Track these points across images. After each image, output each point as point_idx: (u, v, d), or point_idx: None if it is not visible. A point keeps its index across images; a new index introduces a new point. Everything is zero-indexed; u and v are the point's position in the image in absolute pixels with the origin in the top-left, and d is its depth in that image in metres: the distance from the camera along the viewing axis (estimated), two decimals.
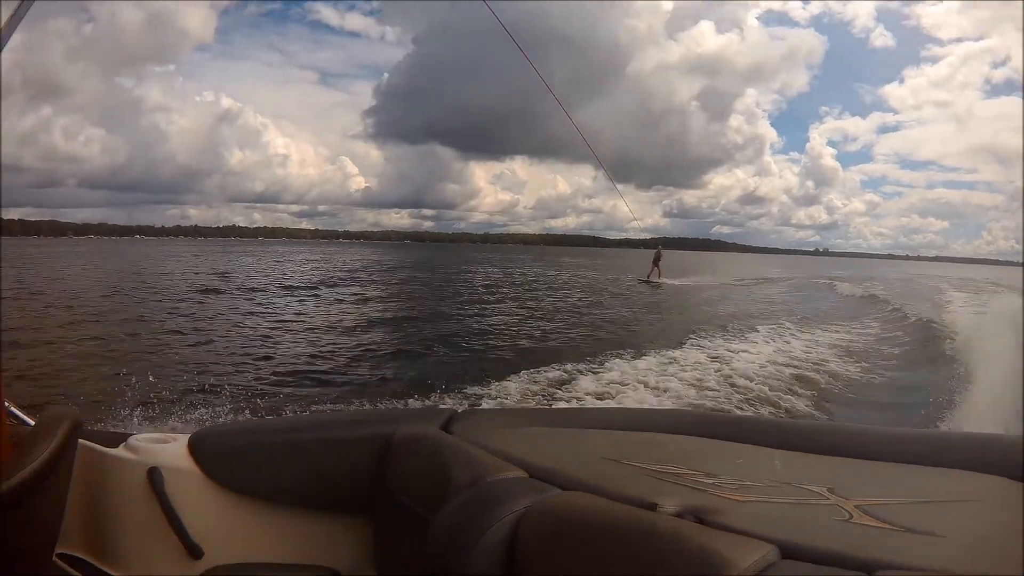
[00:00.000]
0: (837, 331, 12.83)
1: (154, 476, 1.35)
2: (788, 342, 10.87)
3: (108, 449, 1.40)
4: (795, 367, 8.76)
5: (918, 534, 0.84)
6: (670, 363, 8.68)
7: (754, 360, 9.01)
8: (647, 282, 24.74)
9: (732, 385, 7.46)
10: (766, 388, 7.35)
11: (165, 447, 1.42)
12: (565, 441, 1.42)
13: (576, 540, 0.89)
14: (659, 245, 27.12)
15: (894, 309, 16.56)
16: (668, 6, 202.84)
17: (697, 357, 9.16)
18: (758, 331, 11.90)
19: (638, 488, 1.02)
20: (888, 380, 8.41)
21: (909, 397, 7.28)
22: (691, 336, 11.02)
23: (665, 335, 11.12)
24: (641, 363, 8.62)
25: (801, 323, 13.73)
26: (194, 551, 1.34)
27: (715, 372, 8.10)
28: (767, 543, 0.80)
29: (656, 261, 25.44)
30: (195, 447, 1.42)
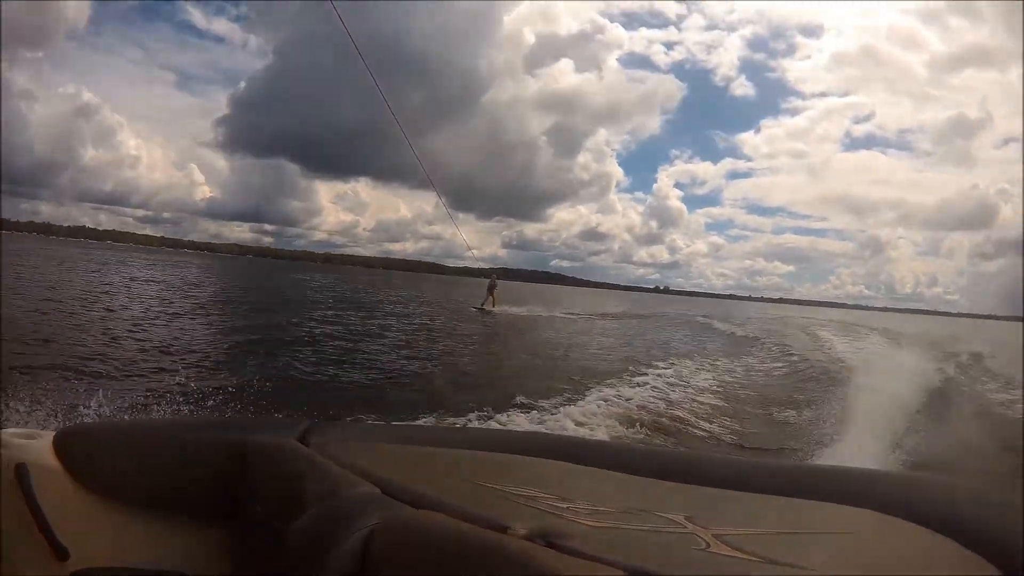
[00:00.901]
0: (715, 368, 13.08)
1: (21, 473, 1.28)
2: (665, 378, 10.66)
3: None
4: (673, 402, 8.70)
5: (778, 565, 0.84)
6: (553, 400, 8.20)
7: (632, 396, 8.84)
8: (481, 309, 24.62)
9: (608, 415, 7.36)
10: (644, 419, 7.34)
11: (32, 443, 1.35)
12: (421, 459, 1.42)
13: (422, 559, 0.88)
14: (494, 274, 26.99)
15: (776, 346, 17.78)
16: (531, 40, 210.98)
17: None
18: (633, 370, 11.53)
19: (490, 509, 1.01)
20: (764, 413, 8.60)
21: (784, 430, 7.59)
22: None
23: (547, 375, 10.52)
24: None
25: (683, 360, 13.79)
26: (60, 552, 1.27)
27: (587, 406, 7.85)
28: (617, 570, 0.78)
29: (491, 289, 25.21)
30: (60, 445, 1.35)
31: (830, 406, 8.54)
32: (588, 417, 7.32)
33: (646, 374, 11.06)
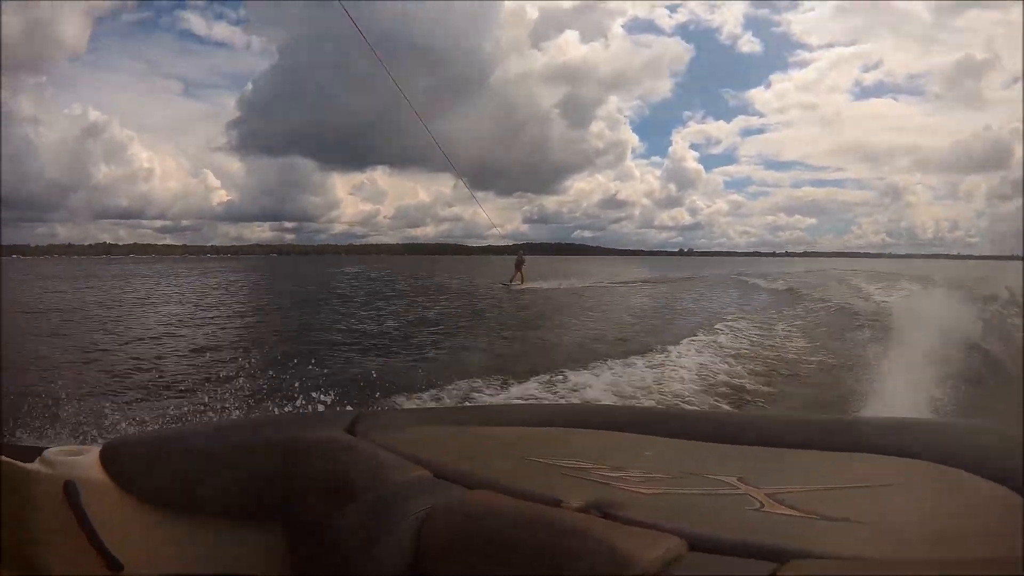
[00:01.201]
0: (783, 316, 14.41)
1: (70, 490, 1.30)
2: (718, 341, 11.01)
3: (24, 464, 1.34)
4: (771, 346, 9.69)
5: (831, 521, 0.86)
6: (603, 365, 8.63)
7: (687, 363, 9.22)
8: (509, 286, 24.60)
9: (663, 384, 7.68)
10: (698, 383, 7.69)
11: (79, 460, 1.37)
12: (469, 439, 1.44)
13: (480, 539, 0.89)
14: (521, 250, 26.92)
15: (817, 299, 18.86)
16: (534, 15, 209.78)
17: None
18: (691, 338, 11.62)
19: (542, 484, 1.03)
20: (813, 368, 8.92)
21: (832, 387, 7.76)
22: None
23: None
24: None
25: (753, 314, 15.13)
26: (113, 565, 1.28)
27: (652, 373, 8.23)
28: (674, 536, 0.80)
29: (519, 266, 25.21)
30: (107, 459, 1.36)
31: (868, 354, 8.75)
32: (710, 362, 8.85)
33: (729, 326, 12.69)
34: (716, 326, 12.72)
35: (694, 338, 11.03)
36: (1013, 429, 1.12)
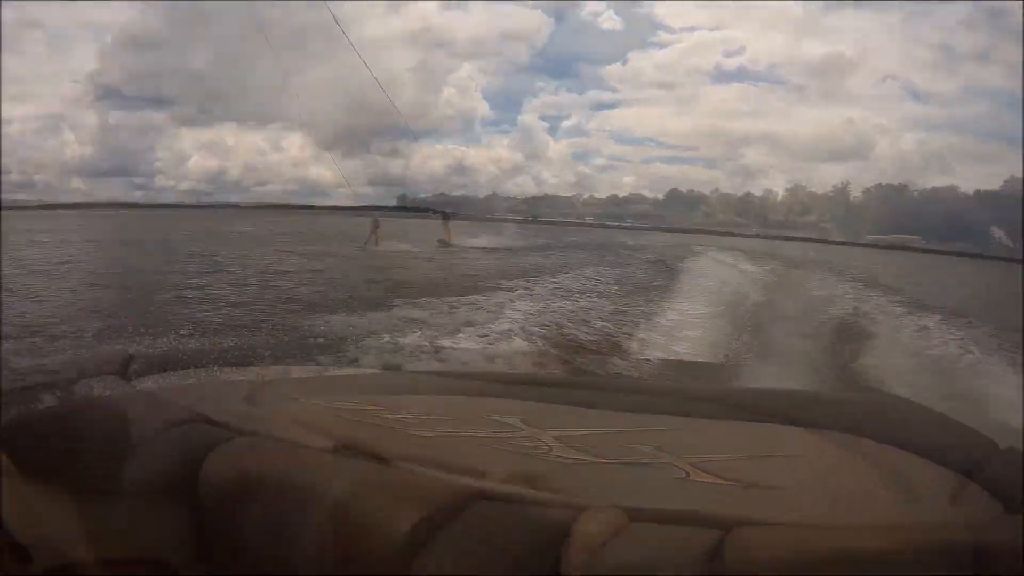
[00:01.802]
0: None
1: None
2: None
3: None
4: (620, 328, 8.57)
5: (759, 489, 0.89)
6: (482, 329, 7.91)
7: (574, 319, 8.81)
8: (365, 248, 23.95)
9: (556, 345, 7.14)
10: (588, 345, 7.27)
11: None
12: (374, 412, 1.38)
13: (409, 519, 0.84)
14: (376, 213, 26.91)
15: (694, 272, 17.82)
16: None
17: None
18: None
19: (462, 457, 1.00)
20: (703, 339, 8.26)
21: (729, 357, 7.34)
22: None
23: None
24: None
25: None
26: (21, 555, 1.14)
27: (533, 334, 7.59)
28: (612, 508, 0.78)
29: (374, 228, 24.88)
30: (5, 440, 1.26)
31: (755, 327, 8.58)
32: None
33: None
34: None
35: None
36: (916, 402, 1.24)
